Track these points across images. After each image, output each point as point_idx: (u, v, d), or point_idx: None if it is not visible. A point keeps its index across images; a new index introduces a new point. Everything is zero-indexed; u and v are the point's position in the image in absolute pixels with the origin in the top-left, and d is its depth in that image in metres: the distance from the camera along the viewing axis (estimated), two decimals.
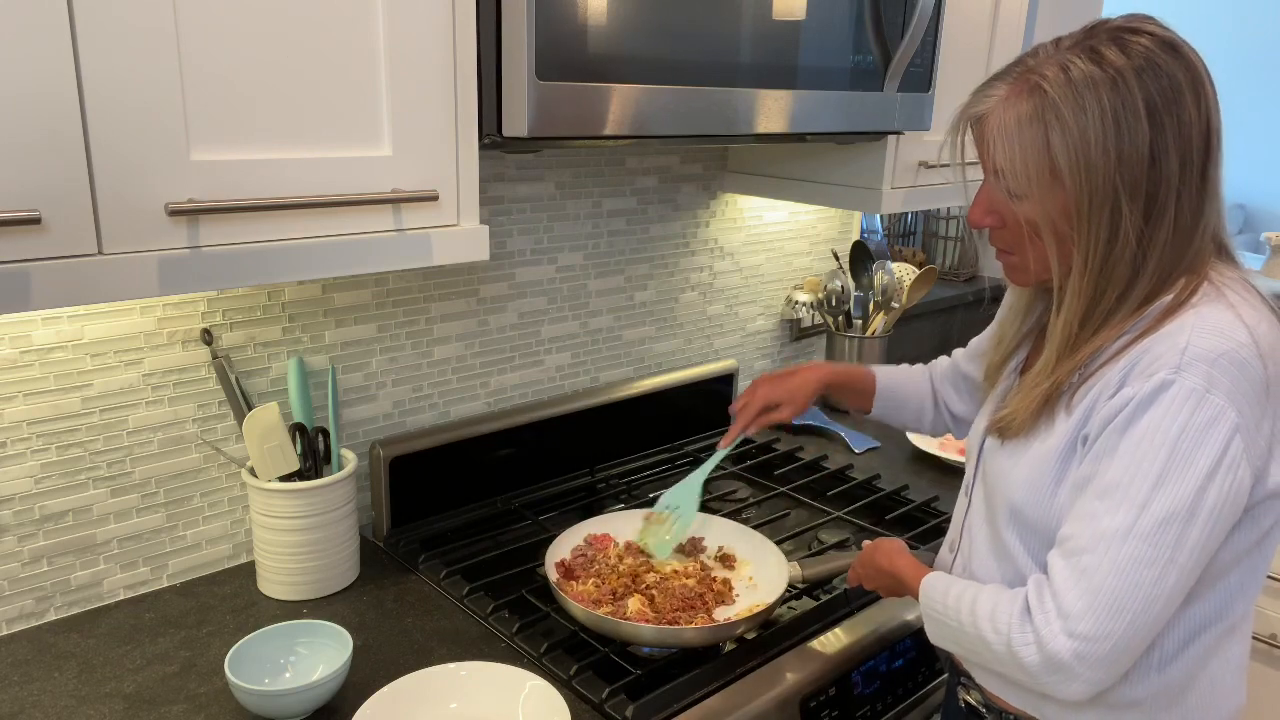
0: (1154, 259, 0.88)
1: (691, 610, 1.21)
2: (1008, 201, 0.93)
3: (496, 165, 1.48)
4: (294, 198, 0.92)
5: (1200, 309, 0.87)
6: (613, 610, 1.20)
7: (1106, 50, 0.86)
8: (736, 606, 1.25)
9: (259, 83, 0.88)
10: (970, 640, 0.95)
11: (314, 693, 1.01)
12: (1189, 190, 0.87)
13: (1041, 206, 0.90)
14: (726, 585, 1.29)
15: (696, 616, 1.20)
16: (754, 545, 1.37)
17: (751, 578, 1.32)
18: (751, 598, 1.27)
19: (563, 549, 1.34)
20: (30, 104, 0.76)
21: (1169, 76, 0.85)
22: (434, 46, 0.98)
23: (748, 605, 1.24)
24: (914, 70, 1.40)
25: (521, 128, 1.00)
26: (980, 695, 1.07)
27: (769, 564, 1.31)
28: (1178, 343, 0.85)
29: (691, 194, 1.79)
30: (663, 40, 1.09)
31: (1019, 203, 0.92)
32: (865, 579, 1.16)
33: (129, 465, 1.23)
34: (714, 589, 1.27)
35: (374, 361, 1.43)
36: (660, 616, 1.20)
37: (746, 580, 1.31)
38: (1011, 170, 0.90)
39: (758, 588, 1.29)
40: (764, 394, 1.31)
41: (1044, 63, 0.89)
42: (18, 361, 1.12)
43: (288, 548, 1.24)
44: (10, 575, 1.16)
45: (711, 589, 1.27)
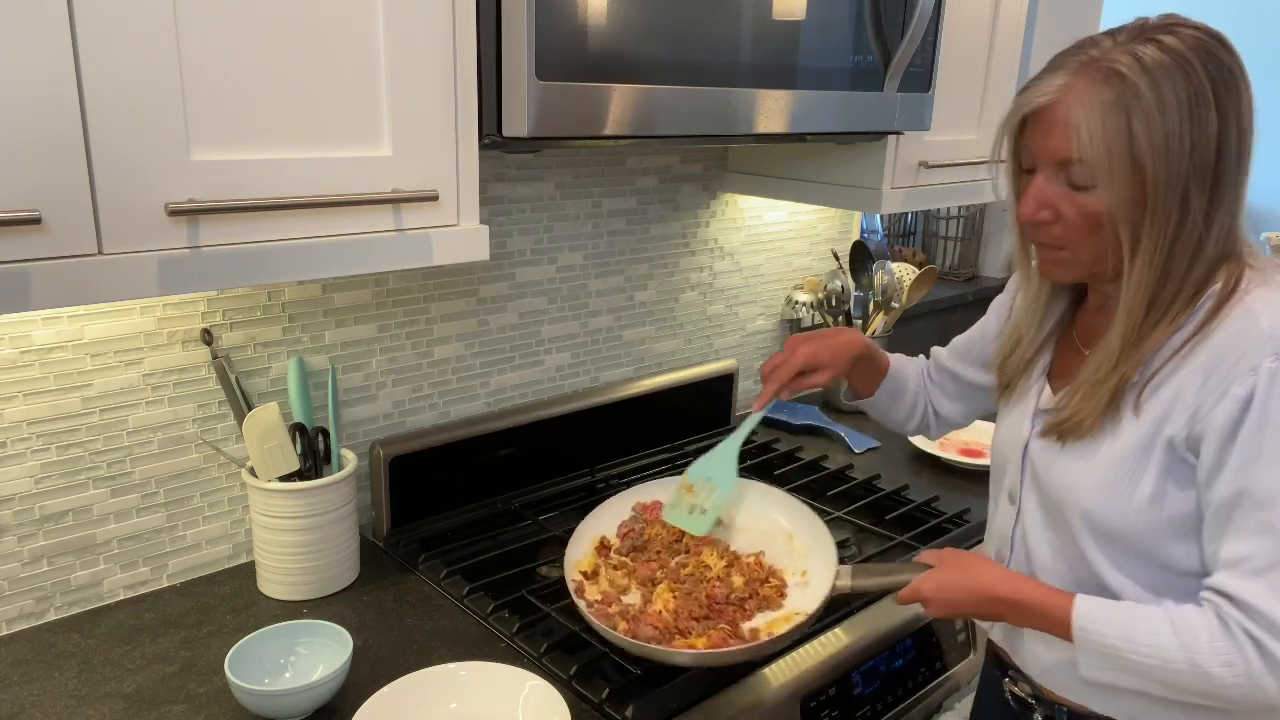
0: (1211, 244, 0.89)
1: (712, 619, 1.12)
2: (1066, 194, 0.92)
3: (496, 165, 1.48)
4: (294, 198, 0.92)
5: (1260, 294, 0.88)
6: (623, 612, 1.12)
7: (1168, 40, 0.87)
8: (771, 614, 1.13)
9: (259, 82, 0.88)
10: (1161, 673, 0.88)
11: (314, 693, 1.01)
12: (1242, 175, 0.90)
13: (1114, 195, 0.88)
14: (777, 589, 1.17)
15: (711, 629, 1.10)
16: (812, 528, 1.22)
17: (805, 572, 1.19)
18: (794, 600, 1.15)
19: (603, 524, 1.27)
20: (30, 104, 0.76)
21: (1225, 65, 0.87)
22: (434, 46, 0.98)
23: (784, 614, 1.13)
24: (914, 70, 1.40)
25: (521, 128, 1.00)
26: (1030, 687, 1.07)
27: (821, 557, 1.17)
28: (1259, 330, 0.85)
29: (691, 194, 1.79)
30: (663, 40, 1.09)
31: (1084, 194, 0.90)
32: (939, 601, 1.00)
33: (129, 465, 1.23)
34: (760, 593, 1.16)
35: (374, 361, 1.43)
36: (671, 622, 1.11)
37: (799, 576, 1.19)
38: (1092, 158, 0.88)
39: (810, 587, 1.16)
40: (805, 354, 1.19)
41: (1112, 52, 0.88)
42: (18, 361, 1.12)
43: (288, 548, 1.24)
44: (10, 575, 1.16)
45: (757, 593, 1.16)
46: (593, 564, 1.22)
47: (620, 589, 1.18)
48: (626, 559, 1.23)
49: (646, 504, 1.31)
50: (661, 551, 1.24)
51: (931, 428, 1.34)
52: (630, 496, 1.32)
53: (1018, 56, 1.76)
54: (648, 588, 1.17)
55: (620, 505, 1.31)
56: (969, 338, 1.27)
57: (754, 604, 1.15)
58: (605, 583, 1.19)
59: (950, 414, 1.31)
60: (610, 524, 1.29)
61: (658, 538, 1.25)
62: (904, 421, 1.33)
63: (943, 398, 1.31)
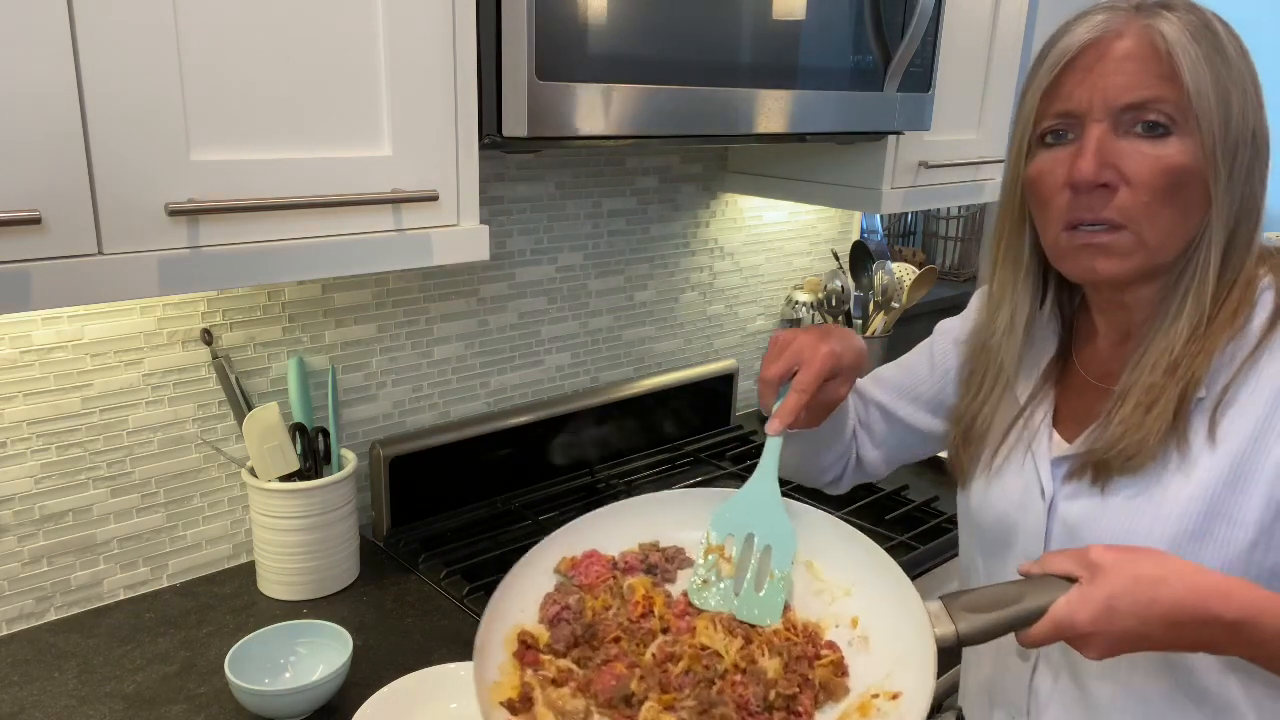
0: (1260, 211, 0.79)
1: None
2: (1134, 147, 0.76)
3: (496, 165, 1.48)
4: (294, 198, 0.91)
5: None
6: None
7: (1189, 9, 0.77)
8: (839, 707, 0.75)
9: (259, 82, 0.88)
10: None
11: (314, 693, 1.01)
12: None
13: (1195, 143, 0.75)
14: (834, 666, 0.77)
15: None
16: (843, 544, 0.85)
17: (856, 620, 0.81)
18: (869, 672, 0.76)
19: (513, 606, 0.81)
20: (30, 104, 0.76)
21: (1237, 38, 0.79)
22: (434, 46, 0.98)
23: (858, 702, 0.74)
24: (914, 70, 1.40)
25: (521, 128, 1.00)
26: None
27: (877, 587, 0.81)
28: None
29: (691, 194, 1.79)
30: (663, 40, 1.09)
31: (1161, 143, 0.75)
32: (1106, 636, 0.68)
33: (129, 465, 1.23)
34: (813, 678, 0.76)
35: (374, 361, 1.43)
36: None
37: (849, 627, 0.81)
38: (1189, 89, 0.74)
39: (871, 646, 0.79)
40: (829, 356, 0.85)
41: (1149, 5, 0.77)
42: (18, 361, 1.12)
43: (288, 548, 1.24)
44: (10, 575, 1.16)
45: (808, 679, 0.76)
46: (517, 684, 0.76)
47: (571, 714, 0.74)
48: (569, 663, 0.78)
49: (577, 559, 0.86)
50: (622, 638, 0.80)
51: (844, 480, 1.08)
52: (549, 552, 0.86)
53: (1018, 56, 1.76)
54: (623, 711, 0.75)
55: (534, 571, 0.85)
56: (910, 370, 1.05)
57: (810, 699, 0.75)
58: (548, 715, 0.74)
59: (872, 462, 1.06)
60: (527, 605, 0.83)
61: (608, 617, 0.82)
62: (826, 470, 1.06)
63: (868, 441, 1.06)
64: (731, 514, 0.87)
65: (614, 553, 0.89)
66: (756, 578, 0.83)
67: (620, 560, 0.88)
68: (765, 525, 0.85)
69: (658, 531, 0.90)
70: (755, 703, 0.74)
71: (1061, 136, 0.80)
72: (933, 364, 1.04)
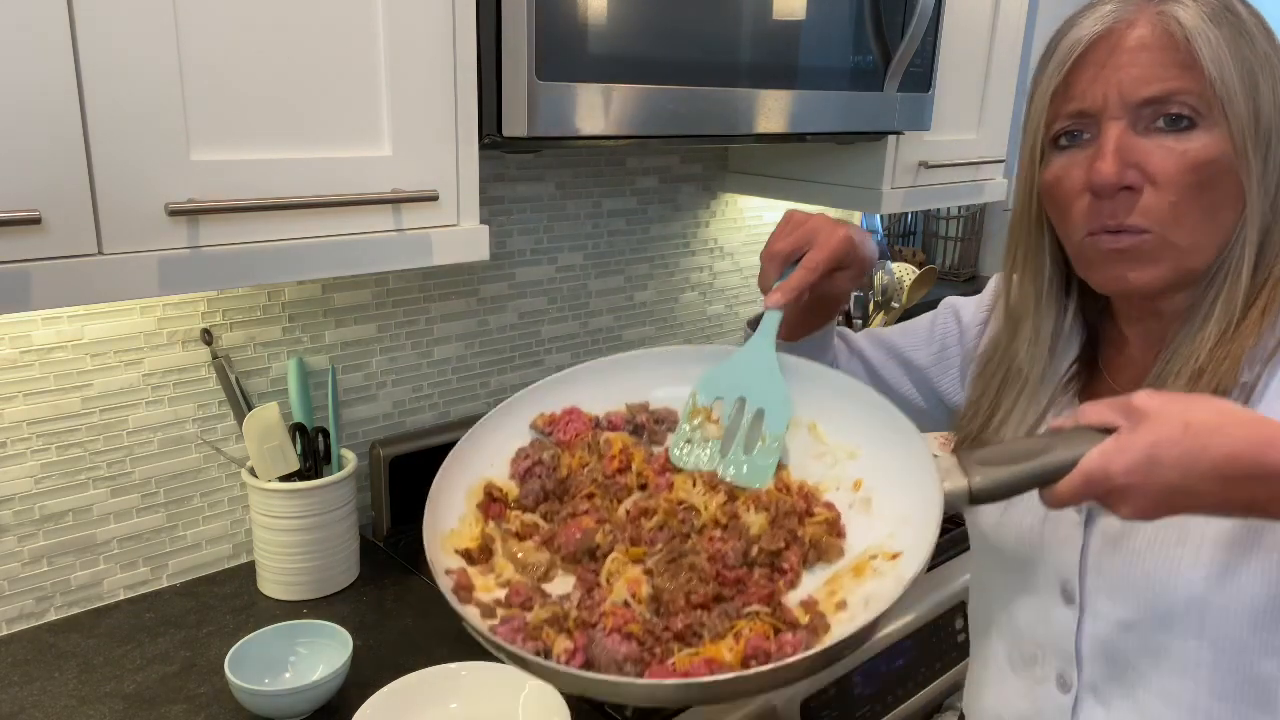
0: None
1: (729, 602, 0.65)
2: (1157, 144, 0.71)
3: (496, 165, 1.48)
4: (294, 198, 0.91)
5: None
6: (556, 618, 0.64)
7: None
8: (831, 569, 0.69)
9: (259, 82, 0.88)
10: None
11: (314, 693, 1.01)
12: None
13: (1222, 135, 0.70)
14: (829, 524, 0.71)
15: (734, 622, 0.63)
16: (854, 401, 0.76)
17: (859, 482, 0.74)
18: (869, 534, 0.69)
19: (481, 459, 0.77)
20: (30, 104, 0.76)
21: None
22: (434, 46, 0.98)
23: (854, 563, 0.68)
24: (914, 70, 1.40)
25: (521, 128, 1.00)
26: None
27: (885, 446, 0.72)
28: None
29: (691, 194, 1.79)
30: (663, 40, 1.09)
31: (1185, 137, 0.70)
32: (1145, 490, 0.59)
33: (129, 465, 1.23)
34: (803, 535, 0.69)
35: (374, 361, 1.43)
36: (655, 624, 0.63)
37: (851, 489, 0.74)
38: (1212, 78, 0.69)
39: (873, 508, 0.71)
40: (844, 239, 0.79)
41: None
42: (18, 361, 1.12)
43: (287, 548, 1.24)
44: (10, 575, 1.16)
45: (797, 536, 0.69)
46: (477, 535, 0.73)
47: (537, 573, 0.70)
48: (536, 517, 0.75)
49: (556, 415, 0.81)
50: (596, 495, 0.75)
51: None
52: (525, 405, 0.82)
53: (1018, 56, 1.76)
54: (588, 565, 0.70)
55: (508, 424, 0.80)
56: (908, 333, 1.00)
57: (798, 557, 0.69)
58: (507, 566, 0.70)
59: None
60: (496, 459, 0.78)
61: (584, 472, 0.77)
62: None
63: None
64: (722, 377, 0.80)
65: (598, 412, 0.82)
66: (746, 441, 0.76)
67: (604, 420, 0.82)
68: (758, 389, 0.78)
69: (647, 391, 0.83)
70: (733, 557, 0.68)
71: (1077, 137, 0.75)
72: (931, 335, 0.99)
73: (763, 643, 0.61)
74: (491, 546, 0.72)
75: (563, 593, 0.68)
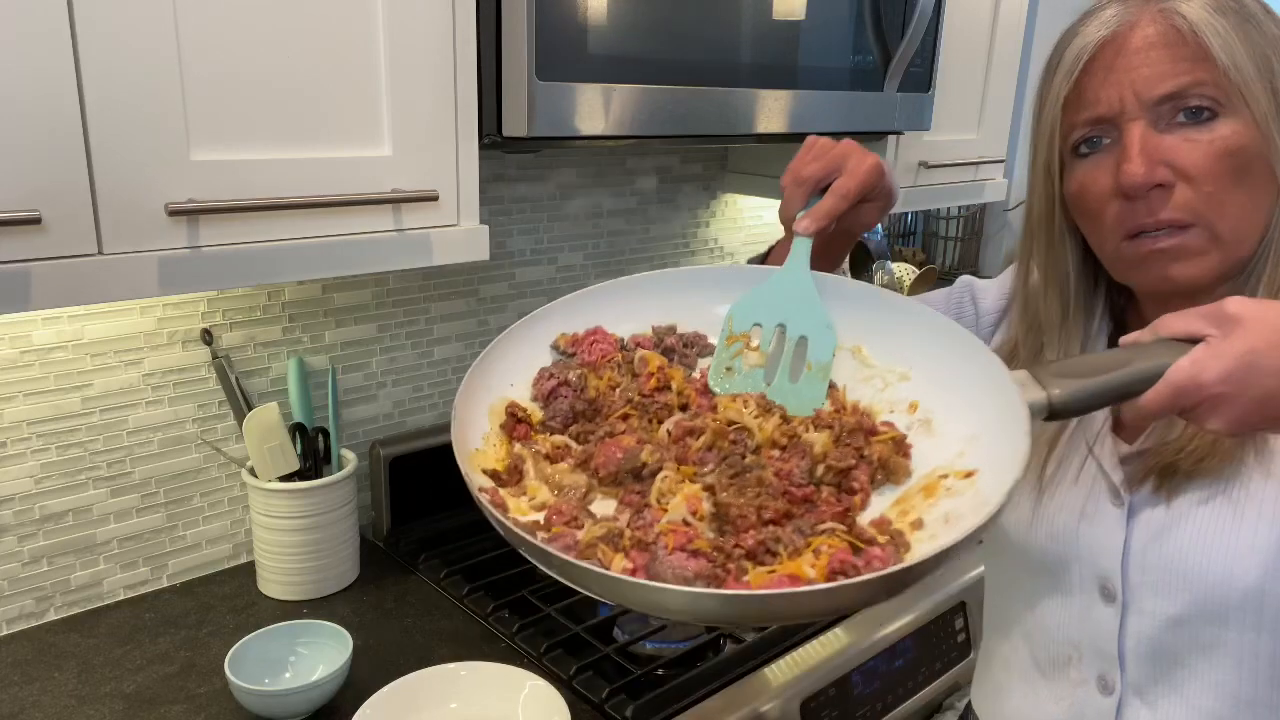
0: None
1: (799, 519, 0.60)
2: (1182, 138, 0.70)
3: (496, 165, 1.48)
4: (294, 198, 0.91)
5: None
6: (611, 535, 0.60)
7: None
8: (899, 491, 0.64)
9: (259, 82, 0.88)
10: None
11: (314, 693, 1.01)
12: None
13: (1247, 120, 0.69)
14: (895, 443, 0.66)
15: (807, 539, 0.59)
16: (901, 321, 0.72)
17: (915, 404, 0.69)
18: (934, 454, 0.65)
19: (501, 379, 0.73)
20: (30, 104, 0.76)
21: None
22: (434, 46, 0.98)
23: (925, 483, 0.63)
24: (914, 70, 1.40)
25: (521, 128, 1.00)
26: None
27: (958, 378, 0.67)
28: None
29: (691, 194, 1.79)
30: (663, 40, 1.09)
31: (1209, 128, 0.69)
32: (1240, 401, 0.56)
33: (129, 465, 1.23)
34: (869, 454, 0.65)
35: (374, 361, 1.43)
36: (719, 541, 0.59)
37: (906, 411, 0.69)
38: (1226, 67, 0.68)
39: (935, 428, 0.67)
40: (875, 166, 0.75)
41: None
42: (18, 361, 1.12)
43: (288, 548, 1.24)
44: (10, 575, 1.16)
45: (863, 455, 0.65)
46: (504, 455, 0.69)
47: (575, 496, 0.65)
48: (567, 439, 0.70)
49: (579, 335, 0.77)
50: (631, 415, 0.70)
51: None
52: (544, 324, 0.76)
53: (1018, 56, 1.76)
54: (631, 487, 0.65)
55: (527, 343, 0.75)
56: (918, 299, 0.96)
57: (867, 475, 0.64)
58: (540, 489, 0.66)
59: None
60: (516, 379, 0.74)
61: (616, 393, 0.72)
62: None
63: None
64: (758, 302, 0.74)
65: (622, 334, 0.77)
66: (790, 369, 0.71)
67: (630, 342, 0.77)
68: (799, 315, 0.73)
69: (674, 313, 0.79)
70: (799, 475, 0.62)
71: (1096, 144, 0.74)
72: (946, 306, 0.96)
73: (848, 557, 0.56)
74: (521, 468, 0.67)
75: (602, 511, 0.63)
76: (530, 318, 0.76)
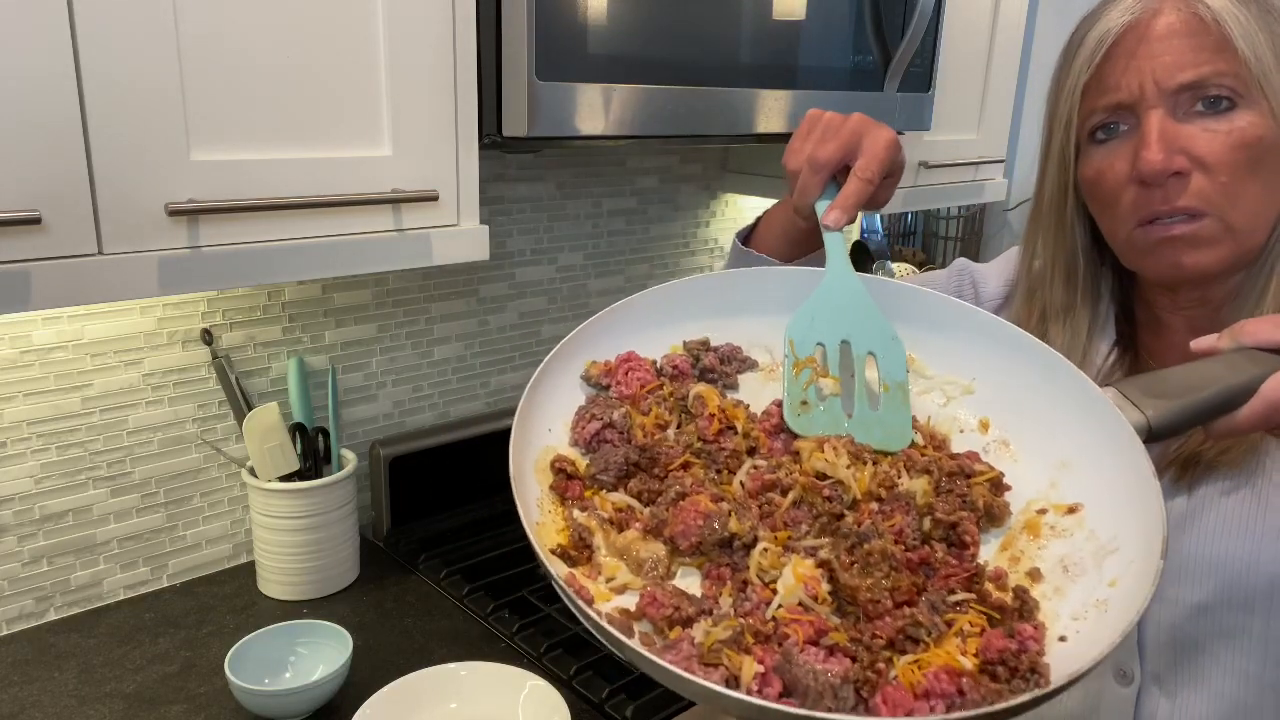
0: None
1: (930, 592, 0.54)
2: (1200, 128, 0.70)
3: (496, 165, 1.48)
4: (294, 198, 0.91)
5: None
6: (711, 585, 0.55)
7: None
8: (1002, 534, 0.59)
9: (259, 82, 0.88)
10: None
11: (314, 693, 1.01)
12: None
13: (1265, 111, 0.69)
14: (993, 487, 0.60)
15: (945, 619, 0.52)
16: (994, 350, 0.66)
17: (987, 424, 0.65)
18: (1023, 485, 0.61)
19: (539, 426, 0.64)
20: (30, 104, 0.76)
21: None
22: (434, 46, 0.98)
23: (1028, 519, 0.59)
24: (914, 70, 1.40)
25: (521, 128, 1.00)
26: None
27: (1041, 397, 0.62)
28: None
29: (691, 194, 1.79)
30: (663, 40, 1.09)
31: (1227, 118, 0.69)
32: None
33: (129, 465, 1.23)
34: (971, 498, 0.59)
35: (374, 361, 1.43)
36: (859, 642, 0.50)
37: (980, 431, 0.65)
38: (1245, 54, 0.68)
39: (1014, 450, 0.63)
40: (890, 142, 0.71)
41: None
42: (18, 361, 1.12)
43: (288, 548, 1.24)
44: (10, 575, 1.16)
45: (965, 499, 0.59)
46: (561, 524, 0.60)
47: (656, 573, 0.57)
48: (628, 498, 0.61)
49: (611, 364, 0.69)
50: (693, 464, 0.63)
51: None
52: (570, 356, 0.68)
53: (1018, 56, 1.76)
54: (719, 558, 0.57)
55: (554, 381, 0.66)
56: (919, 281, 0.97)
57: (974, 527, 0.58)
58: (617, 567, 0.57)
59: None
60: (554, 423, 0.66)
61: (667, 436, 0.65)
62: None
63: None
64: (814, 319, 0.68)
65: (653, 355, 0.70)
66: (867, 393, 0.65)
67: (665, 365, 0.70)
68: (861, 329, 0.67)
69: (704, 325, 0.72)
70: (910, 534, 0.56)
71: (1114, 130, 0.74)
72: (946, 287, 0.95)
73: (1000, 641, 0.49)
74: (587, 540, 0.59)
75: (691, 587, 0.55)
76: (553, 354, 0.67)
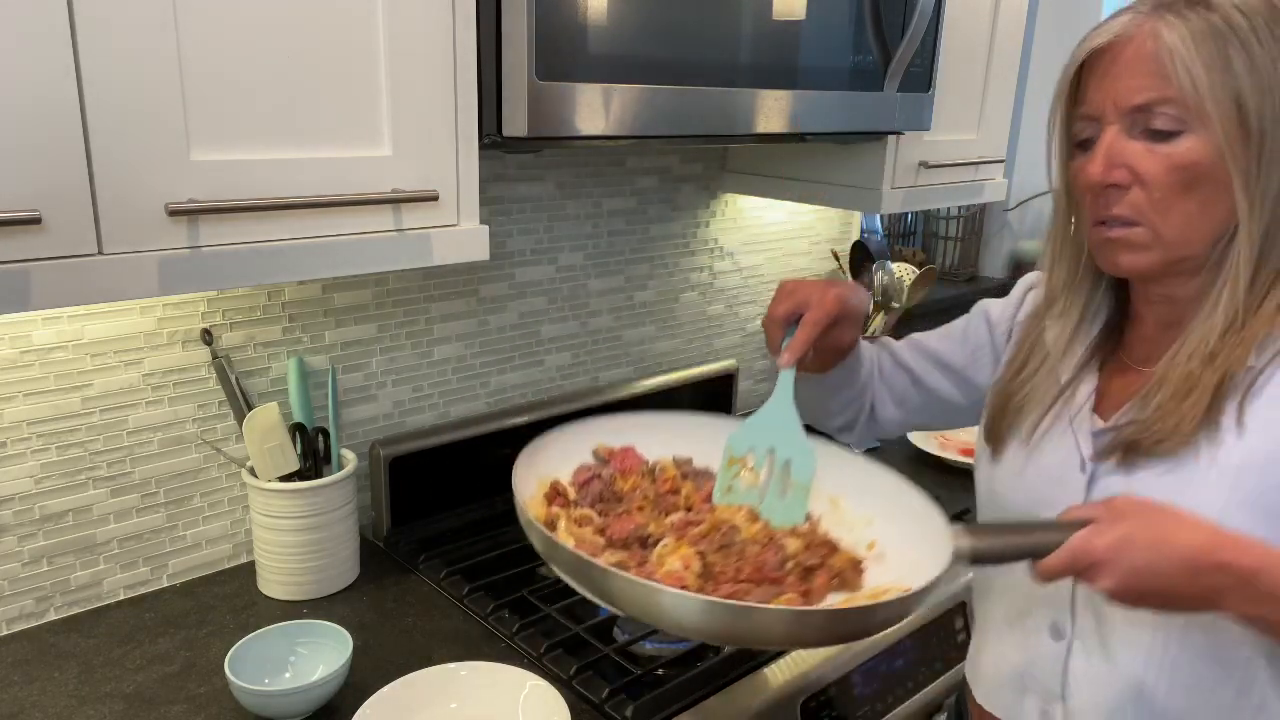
0: None
1: (770, 586, 0.81)
2: (1146, 149, 0.79)
3: (496, 165, 1.48)
4: (294, 198, 0.91)
5: None
6: (625, 561, 0.82)
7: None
8: (844, 596, 0.84)
9: (259, 82, 0.88)
10: None
11: (314, 693, 1.01)
12: None
13: (1213, 137, 0.76)
14: (852, 563, 0.85)
15: (775, 596, 0.80)
16: (874, 486, 0.93)
17: (873, 543, 0.90)
18: (881, 578, 0.84)
19: (554, 462, 0.94)
20: (30, 104, 0.76)
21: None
22: (434, 46, 0.98)
23: (870, 592, 0.83)
24: (914, 70, 1.40)
25: (521, 128, 1.00)
26: None
27: (898, 522, 0.89)
28: None
29: (691, 194, 1.79)
30: (663, 40, 1.09)
31: (1170, 144, 0.77)
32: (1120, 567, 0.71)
33: (129, 465, 1.23)
34: (830, 564, 0.84)
35: (374, 361, 1.43)
36: (703, 587, 0.79)
37: (865, 549, 0.89)
38: (1185, 90, 0.76)
39: (886, 560, 0.87)
40: (838, 298, 0.91)
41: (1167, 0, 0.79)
42: (18, 361, 1.12)
43: (288, 548, 1.24)
44: (10, 575, 1.16)
45: (827, 563, 0.84)
46: (543, 514, 0.90)
47: (593, 548, 0.85)
48: (592, 512, 0.90)
49: (614, 450, 0.98)
50: (645, 507, 0.91)
51: (856, 431, 1.11)
52: (585, 435, 0.99)
53: (1018, 56, 1.76)
54: (635, 551, 0.85)
55: (572, 445, 0.98)
56: (944, 337, 1.10)
57: (824, 578, 0.83)
58: (568, 539, 0.85)
59: (887, 420, 1.10)
60: (562, 466, 0.96)
61: (636, 492, 0.94)
62: (833, 415, 1.10)
63: (889, 399, 1.10)
64: (750, 433, 0.93)
65: (650, 457, 0.98)
66: (779, 486, 0.90)
67: (656, 466, 0.97)
68: (785, 441, 0.91)
69: (694, 448, 0.99)
70: (772, 565, 0.81)
71: (1090, 141, 0.83)
72: (965, 338, 1.09)
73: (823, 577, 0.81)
74: (556, 523, 0.87)
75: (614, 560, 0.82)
76: (580, 424, 0.99)
